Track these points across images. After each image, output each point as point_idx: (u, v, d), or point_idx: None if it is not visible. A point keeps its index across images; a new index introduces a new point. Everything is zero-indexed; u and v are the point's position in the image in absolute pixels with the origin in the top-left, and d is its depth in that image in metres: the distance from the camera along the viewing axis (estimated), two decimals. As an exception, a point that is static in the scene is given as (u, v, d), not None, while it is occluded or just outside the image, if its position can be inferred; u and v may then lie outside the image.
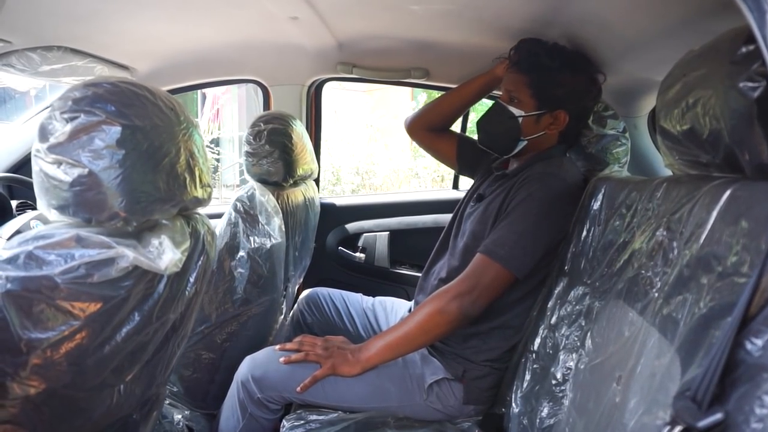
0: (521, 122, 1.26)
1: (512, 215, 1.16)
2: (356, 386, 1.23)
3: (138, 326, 0.77)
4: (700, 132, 0.67)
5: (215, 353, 1.36)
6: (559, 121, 1.26)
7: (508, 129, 1.27)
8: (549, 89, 1.23)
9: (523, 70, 1.25)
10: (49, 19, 1.27)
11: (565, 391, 0.96)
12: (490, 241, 1.16)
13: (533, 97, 1.24)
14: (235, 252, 1.34)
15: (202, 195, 0.88)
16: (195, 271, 0.91)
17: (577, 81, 1.25)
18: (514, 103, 1.26)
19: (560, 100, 1.24)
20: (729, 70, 0.61)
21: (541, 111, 1.25)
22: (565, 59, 1.24)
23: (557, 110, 1.25)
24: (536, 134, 1.27)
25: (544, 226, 1.15)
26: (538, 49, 1.24)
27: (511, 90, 1.27)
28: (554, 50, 1.25)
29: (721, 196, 0.63)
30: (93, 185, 0.69)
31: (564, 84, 1.23)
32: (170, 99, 0.82)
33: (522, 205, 1.15)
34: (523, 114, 1.25)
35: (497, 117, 1.29)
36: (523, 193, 1.16)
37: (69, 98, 0.70)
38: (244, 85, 4.37)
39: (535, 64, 1.24)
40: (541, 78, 1.23)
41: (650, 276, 0.76)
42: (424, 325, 1.15)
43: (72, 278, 0.65)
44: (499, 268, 1.13)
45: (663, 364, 0.65)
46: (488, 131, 1.32)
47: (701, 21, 0.97)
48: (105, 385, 0.76)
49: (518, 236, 1.14)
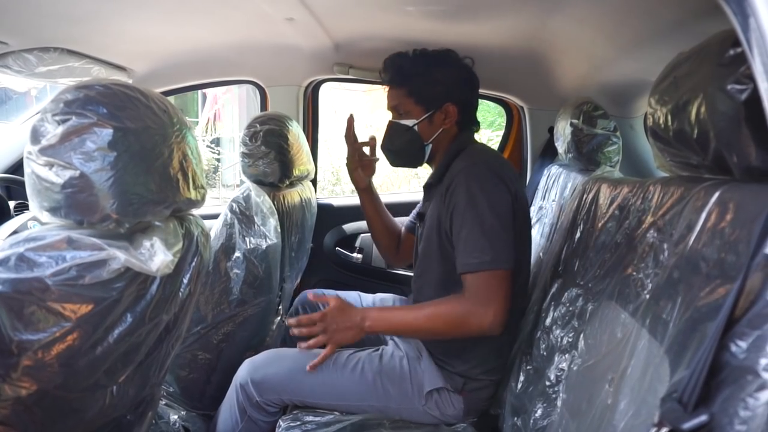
0: (418, 129, 1.31)
1: (467, 221, 1.13)
2: (357, 386, 1.23)
3: (130, 328, 0.77)
4: (690, 134, 0.67)
5: (211, 354, 1.37)
6: (450, 114, 1.30)
7: (409, 140, 1.32)
8: (427, 90, 1.29)
9: (399, 84, 1.32)
10: (46, 21, 1.27)
11: (559, 392, 0.96)
12: (466, 255, 1.12)
13: (418, 103, 1.30)
14: (231, 253, 1.34)
15: (196, 196, 0.88)
16: (189, 273, 0.91)
17: (448, 73, 1.29)
18: (403, 116, 1.32)
19: (442, 96, 1.29)
20: (717, 72, 0.61)
21: (429, 112, 1.29)
22: (430, 59, 1.30)
23: (444, 105, 1.29)
24: (435, 133, 1.31)
25: (498, 211, 1.13)
26: (402, 61, 1.31)
27: (396, 105, 1.33)
28: (417, 56, 1.31)
29: (710, 198, 0.63)
30: (85, 187, 0.69)
31: (438, 80, 1.28)
32: (163, 101, 0.82)
33: (467, 207, 1.13)
34: (416, 121, 1.30)
35: (395, 134, 1.34)
36: (461, 195, 1.15)
37: (61, 100, 0.70)
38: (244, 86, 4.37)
39: (406, 75, 1.30)
40: (416, 84, 1.29)
41: (641, 278, 0.77)
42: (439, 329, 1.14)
43: (63, 280, 0.65)
44: (496, 273, 1.10)
45: (653, 366, 0.65)
46: (393, 150, 1.37)
47: (694, 23, 0.97)
48: (97, 386, 0.76)
49: (488, 234, 1.11)
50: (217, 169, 6.97)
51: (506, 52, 1.48)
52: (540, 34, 1.38)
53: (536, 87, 1.85)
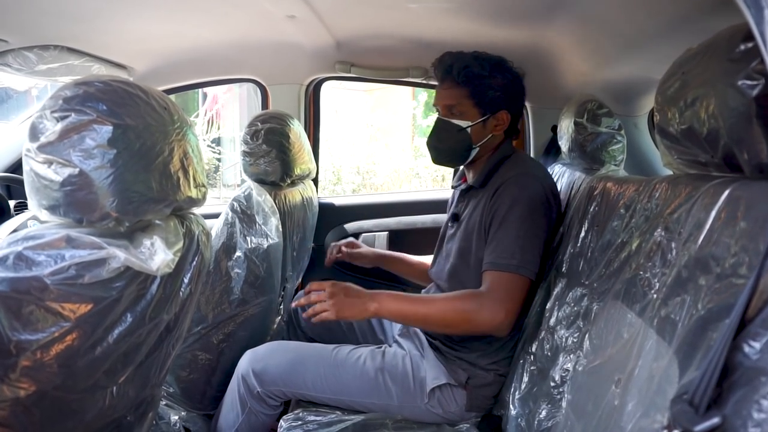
0: (470, 132, 1.30)
1: (505, 224, 1.18)
2: (358, 380, 1.23)
3: (130, 327, 0.76)
4: (699, 131, 0.66)
5: (212, 354, 1.36)
6: (503, 121, 1.31)
7: (459, 141, 1.31)
8: (488, 95, 1.29)
9: (461, 83, 1.30)
10: (46, 18, 1.26)
11: (564, 393, 0.95)
12: (495, 255, 1.17)
13: (476, 106, 1.30)
14: (232, 252, 1.33)
15: (197, 195, 0.87)
16: (189, 272, 0.90)
17: (506, 80, 1.31)
18: (457, 116, 1.31)
19: (499, 102, 1.30)
20: (727, 68, 0.60)
21: (485, 117, 1.30)
22: (493, 64, 1.30)
23: (499, 112, 1.30)
24: (485, 138, 1.32)
25: (538, 224, 1.18)
26: (467, 61, 1.29)
27: (453, 105, 1.31)
28: (480, 59, 1.30)
29: (719, 196, 0.62)
30: (84, 185, 0.68)
31: (498, 87, 1.29)
32: (164, 98, 0.81)
33: (510, 212, 1.18)
34: (471, 123, 1.30)
35: (446, 133, 1.33)
36: (506, 200, 1.19)
37: (60, 97, 0.70)
38: (245, 84, 4.37)
39: (470, 76, 1.28)
40: (478, 87, 1.28)
41: (648, 277, 0.75)
42: (449, 321, 1.15)
43: (62, 279, 0.64)
44: (518, 278, 1.15)
45: (661, 367, 0.64)
46: (439, 148, 1.36)
47: (700, 19, 0.96)
48: (97, 386, 0.75)
49: (522, 241, 1.15)
50: (218, 168, 6.96)
51: (509, 50, 1.46)
52: (543, 32, 1.37)
53: (539, 85, 1.83)
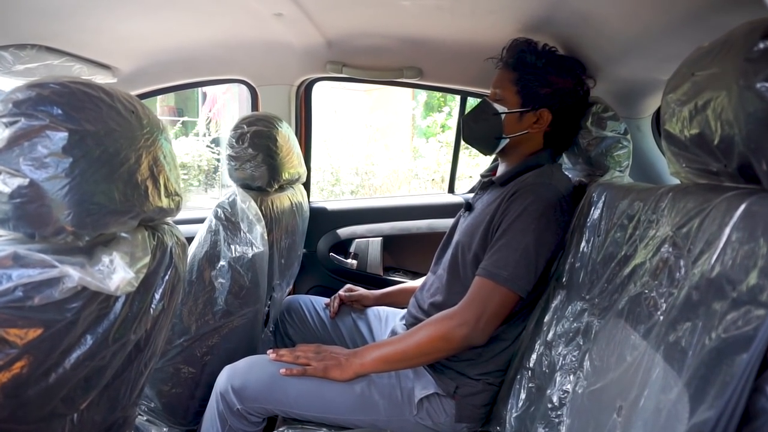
0: (504, 119, 1.25)
1: (509, 232, 1.11)
2: (343, 396, 1.18)
3: (91, 350, 0.70)
4: (711, 137, 0.60)
5: (195, 367, 1.29)
6: (542, 120, 1.24)
7: (490, 125, 1.26)
8: (533, 87, 1.22)
9: (510, 67, 1.25)
10: (22, 15, 1.20)
11: (562, 416, 0.88)
12: (490, 263, 1.11)
13: (517, 94, 1.23)
14: (216, 261, 1.27)
15: (168, 205, 0.81)
16: (161, 287, 0.84)
17: (562, 81, 1.23)
18: (499, 100, 1.26)
19: (544, 99, 1.22)
20: (744, 68, 0.54)
21: (524, 108, 1.23)
22: (553, 59, 1.24)
23: (540, 109, 1.23)
24: (518, 132, 1.25)
25: (543, 240, 1.11)
26: (526, 48, 1.24)
27: (499, 87, 1.27)
28: (543, 50, 1.24)
29: (735, 210, 0.56)
30: (35, 197, 0.62)
31: (549, 83, 1.22)
32: (132, 101, 0.75)
33: (518, 220, 1.11)
34: (506, 110, 1.24)
35: (481, 114, 1.29)
36: (517, 207, 1.12)
37: (10, 100, 0.63)
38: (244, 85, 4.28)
39: (521, 61, 1.23)
40: (526, 75, 1.22)
41: (654, 296, 0.69)
42: (424, 348, 1.12)
43: (7, 302, 0.58)
44: (505, 291, 1.09)
45: (669, 400, 0.57)
46: (472, 127, 1.31)
47: (709, 16, 0.90)
48: (54, 415, 0.69)
49: (519, 254, 1.09)
50: (217, 169, 6.93)
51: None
52: (542, 30, 1.31)
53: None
